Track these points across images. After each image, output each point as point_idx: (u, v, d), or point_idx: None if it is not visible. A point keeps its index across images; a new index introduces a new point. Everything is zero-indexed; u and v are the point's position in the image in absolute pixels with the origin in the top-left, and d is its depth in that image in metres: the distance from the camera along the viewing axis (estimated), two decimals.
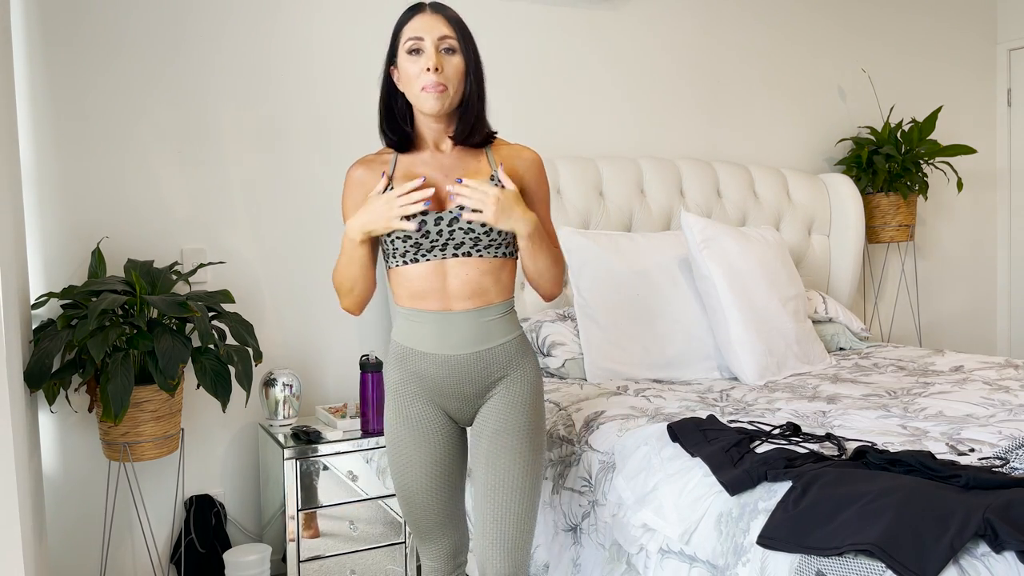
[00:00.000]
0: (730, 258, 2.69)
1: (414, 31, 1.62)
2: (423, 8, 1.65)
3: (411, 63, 1.62)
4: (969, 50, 4.14)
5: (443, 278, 1.66)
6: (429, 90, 1.60)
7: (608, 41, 3.19)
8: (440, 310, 1.67)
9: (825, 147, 3.75)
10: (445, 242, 1.64)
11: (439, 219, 1.63)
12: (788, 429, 1.89)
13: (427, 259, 1.65)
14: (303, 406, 2.68)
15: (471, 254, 1.66)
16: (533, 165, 1.74)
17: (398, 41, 1.65)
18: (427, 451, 1.71)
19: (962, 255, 4.17)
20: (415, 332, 1.69)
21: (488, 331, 1.69)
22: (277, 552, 2.38)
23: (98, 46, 2.41)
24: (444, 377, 1.69)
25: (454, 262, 1.66)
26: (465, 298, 1.67)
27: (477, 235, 1.64)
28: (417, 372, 1.70)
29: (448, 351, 1.67)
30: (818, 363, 2.76)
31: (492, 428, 1.70)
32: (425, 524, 1.75)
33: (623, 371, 2.56)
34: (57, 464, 2.39)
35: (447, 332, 1.67)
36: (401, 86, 1.66)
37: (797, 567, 1.39)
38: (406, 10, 1.66)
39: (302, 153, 2.69)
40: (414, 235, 1.62)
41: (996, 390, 2.35)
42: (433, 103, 1.61)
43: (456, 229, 1.64)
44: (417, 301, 1.68)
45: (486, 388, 1.71)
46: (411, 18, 1.64)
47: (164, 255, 2.51)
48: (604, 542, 1.92)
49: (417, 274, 1.66)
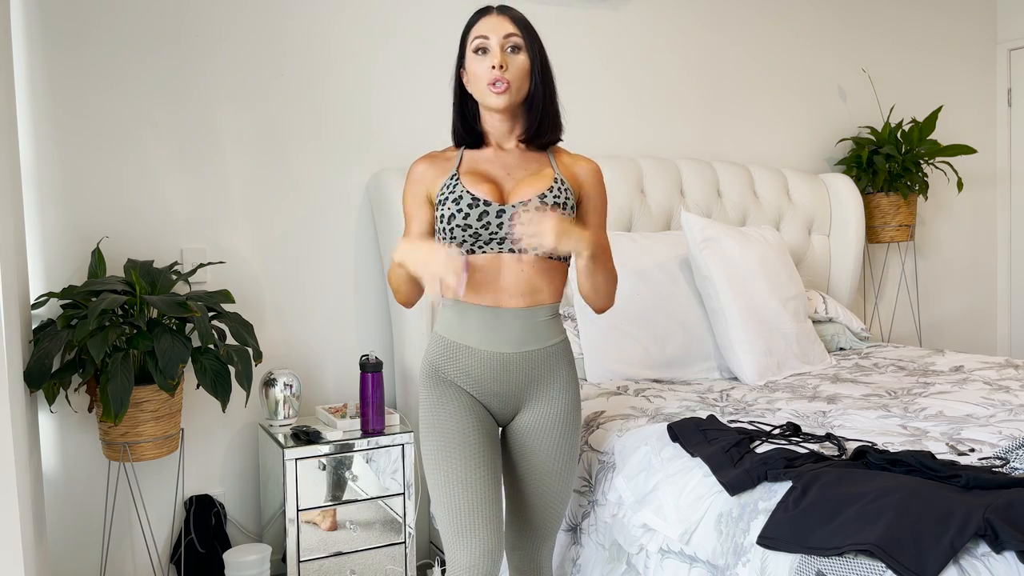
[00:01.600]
0: (730, 258, 2.69)
1: (480, 31, 1.68)
2: (490, 10, 1.70)
3: (477, 62, 1.67)
4: (969, 50, 4.14)
5: (497, 272, 1.67)
6: (494, 87, 1.65)
7: (608, 41, 3.19)
8: (491, 305, 1.67)
9: (825, 147, 3.75)
10: (504, 236, 1.66)
11: (501, 211, 1.65)
12: (788, 429, 1.89)
13: (483, 251, 1.67)
14: (303, 406, 2.68)
15: (526, 251, 1.67)
16: (593, 175, 1.79)
17: (466, 42, 1.70)
18: (468, 434, 1.67)
19: (962, 255, 4.17)
20: (462, 326, 1.69)
21: (537, 332, 1.70)
22: (277, 552, 2.38)
23: (98, 46, 2.41)
24: (488, 374, 1.69)
25: (509, 257, 1.67)
26: (518, 295, 1.68)
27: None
28: (462, 367, 1.69)
29: (496, 348, 1.68)
30: (818, 363, 2.76)
31: (534, 430, 1.73)
32: (466, 507, 1.63)
33: (623, 371, 2.56)
34: (57, 464, 2.39)
35: (496, 328, 1.67)
36: (469, 87, 1.71)
37: (797, 567, 1.39)
38: (474, 12, 1.72)
39: (302, 153, 2.69)
40: (475, 224, 1.64)
41: (996, 390, 2.35)
42: (497, 100, 1.66)
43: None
44: (467, 294, 1.68)
45: (528, 389, 1.72)
46: (478, 19, 1.70)
47: (164, 255, 2.50)
48: (604, 542, 1.92)
49: (472, 265, 1.67)
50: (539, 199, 1.66)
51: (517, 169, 1.73)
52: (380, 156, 2.78)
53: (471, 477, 1.64)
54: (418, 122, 2.83)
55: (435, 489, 1.67)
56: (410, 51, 2.83)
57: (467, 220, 1.64)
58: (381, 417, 2.42)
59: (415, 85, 2.84)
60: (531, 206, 1.63)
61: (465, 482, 1.63)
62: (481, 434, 1.68)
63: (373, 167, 2.78)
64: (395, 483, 2.42)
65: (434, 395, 1.71)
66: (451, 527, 1.64)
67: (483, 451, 1.67)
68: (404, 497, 2.43)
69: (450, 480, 1.64)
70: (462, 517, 1.63)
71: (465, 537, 1.62)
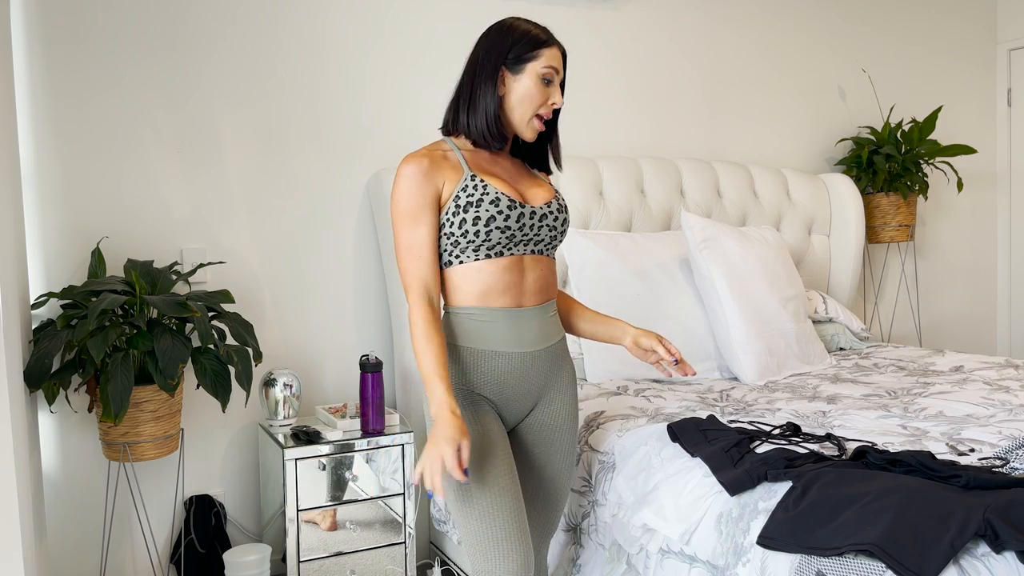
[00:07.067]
0: (730, 258, 2.69)
1: (552, 62, 1.68)
2: (556, 43, 1.70)
3: (539, 88, 1.67)
4: (969, 50, 4.14)
5: (521, 274, 1.68)
6: (538, 121, 1.69)
7: (608, 41, 3.19)
8: (513, 307, 1.68)
9: (825, 147, 3.75)
10: (531, 237, 1.68)
11: (533, 213, 1.67)
12: (788, 429, 1.89)
13: (511, 253, 1.67)
14: (303, 406, 2.68)
15: (544, 252, 1.72)
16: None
17: (532, 56, 1.66)
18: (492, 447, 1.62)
19: (962, 255, 4.17)
20: (484, 332, 1.66)
21: (549, 327, 1.74)
22: (277, 552, 2.38)
23: (98, 46, 2.41)
24: (513, 376, 1.69)
25: (531, 259, 1.70)
26: (535, 293, 1.71)
27: (555, 233, 1.72)
28: (487, 374, 1.67)
29: (520, 348, 1.69)
30: (818, 363, 2.76)
31: (545, 425, 1.76)
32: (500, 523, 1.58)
33: (623, 371, 2.56)
34: (57, 464, 2.39)
35: (520, 328, 1.68)
36: (512, 95, 1.68)
37: (797, 567, 1.39)
38: (542, 31, 1.69)
39: (302, 153, 2.69)
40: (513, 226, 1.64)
41: (996, 390, 2.35)
42: (532, 133, 1.71)
43: (544, 226, 1.69)
44: (489, 299, 1.65)
45: (545, 385, 1.74)
46: (551, 45, 1.68)
47: (164, 255, 2.50)
48: (604, 542, 1.92)
49: (497, 269, 1.65)
50: (556, 201, 1.73)
51: (517, 175, 1.76)
52: (380, 156, 2.79)
53: (501, 494, 1.59)
54: (418, 122, 2.83)
55: (464, 507, 1.60)
56: (409, 51, 2.83)
57: (507, 222, 1.63)
58: (381, 417, 2.42)
59: (414, 85, 2.84)
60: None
61: (496, 500, 1.58)
62: (502, 448, 1.65)
63: (373, 167, 2.78)
64: (395, 483, 2.42)
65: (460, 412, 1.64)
66: (484, 545, 1.58)
67: (505, 466, 1.63)
68: (404, 497, 2.43)
69: (482, 498, 1.58)
70: (496, 534, 1.58)
71: (499, 554, 1.57)
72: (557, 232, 1.72)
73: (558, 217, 1.72)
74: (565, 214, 1.74)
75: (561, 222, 1.73)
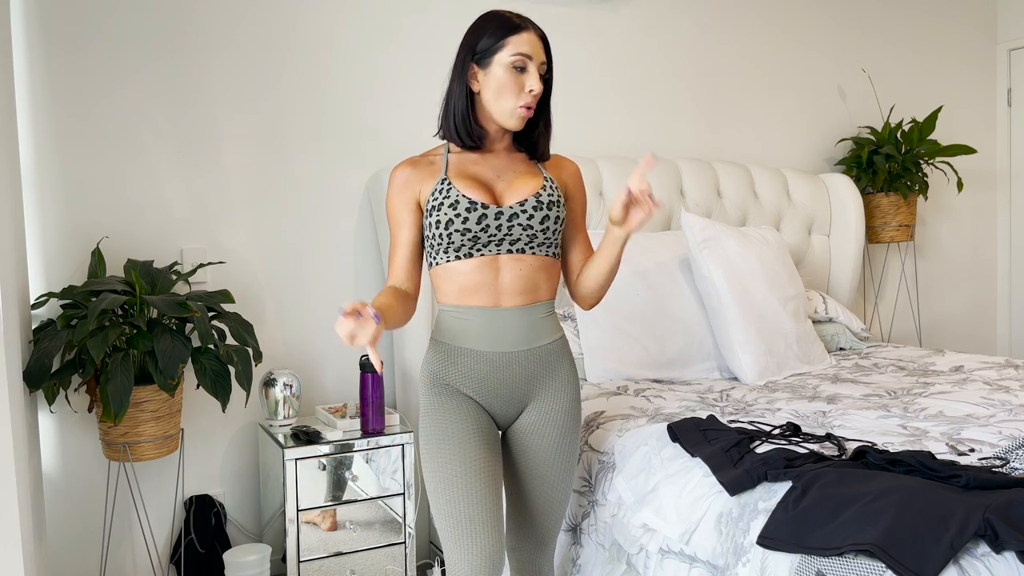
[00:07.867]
0: (730, 258, 2.69)
1: (521, 48, 1.65)
2: (528, 26, 1.67)
3: (512, 77, 1.65)
4: (969, 50, 4.14)
5: (495, 273, 1.68)
6: (523, 110, 1.66)
7: (608, 41, 3.19)
8: (490, 306, 1.68)
9: (825, 147, 3.75)
10: (502, 237, 1.67)
11: (499, 214, 1.66)
12: (788, 429, 1.89)
13: (481, 254, 1.67)
14: (303, 406, 2.68)
15: (524, 250, 1.69)
16: (576, 175, 1.83)
17: (498, 47, 1.65)
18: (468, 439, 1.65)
19: (962, 255, 4.17)
20: (462, 329, 1.69)
21: (537, 329, 1.72)
22: (277, 552, 2.38)
23: (98, 46, 2.41)
24: (491, 375, 1.69)
25: (507, 258, 1.68)
26: (516, 294, 1.69)
27: (534, 232, 1.68)
28: (464, 370, 1.69)
29: (497, 348, 1.68)
30: (818, 363, 2.76)
31: (537, 428, 1.74)
32: (466, 513, 1.61)
33: (623, 371, 2.56)
34: (57, 464, 2.39)
35: (497, 329, 1.68)
36: (486, 91, 1.68)
37: (797, 567, 1.39)
38: (511, 18, 1.67)
39: (302, 153, 2.69)
40: (474, 228, 1.64)
41: (996, 390, 2.35)
42: (519, 123, 1.68)
43: (515, 225, 1.66)
44: (465, 297, 1.68)
45: (531, 388, 1.73)
46: (519, 32, 1.65)
47: (164, 255, 2.50)
48: (604, 542, 1.92)
49: (468, 269, 1.67)
50: (535, 199, 1.68)
51: (506, 171, 1.73)
52: (380, 156, 2.79)
53: (471, 483, 1.62)
54: (418, 122, 2.83)
55: (434, 495, 1.66)
56: (410, 51, 2.83)
57: (466, 224, 1.64)
58: (381, 417, 2.42)
59: (415, 85, 2.84)
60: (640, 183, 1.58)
61: (465, 488, 1.62)
62: (480, 439, 1.67)
63: (373, 167, 2.78)
64: (395, 483, 2.42)
65: (434, 401, 1.70)
66: (451, 533, 1.62)
67: (482, 456, 1.65)
68: (404, 497, 2.43)
69: (450, 486, 1.63)
70: (462, 523, 1.61)
71: (465, 543, 1.60)
72: (535, 230, 1.67)
73: (533, 215, 1.67)
74: (546, 210, 1.68)
75: (540, 219, 1.67)
